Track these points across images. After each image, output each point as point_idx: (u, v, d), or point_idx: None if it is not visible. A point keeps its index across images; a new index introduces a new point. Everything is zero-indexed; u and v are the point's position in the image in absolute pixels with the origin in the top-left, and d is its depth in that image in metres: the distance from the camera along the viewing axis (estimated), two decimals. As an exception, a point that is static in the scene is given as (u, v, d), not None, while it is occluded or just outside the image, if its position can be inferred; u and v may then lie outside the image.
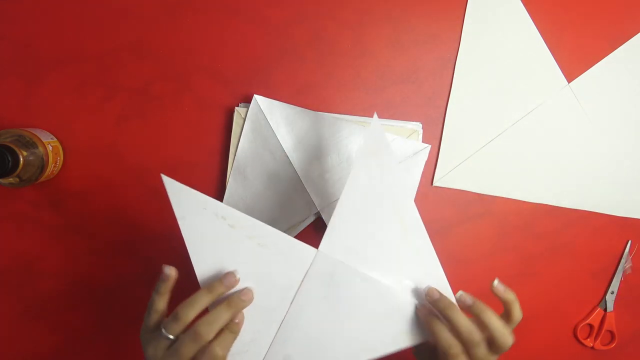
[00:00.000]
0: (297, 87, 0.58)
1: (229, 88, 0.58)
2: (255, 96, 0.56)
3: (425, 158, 0.59)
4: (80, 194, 0.58)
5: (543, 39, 0.59)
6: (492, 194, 0.60)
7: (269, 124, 0.56)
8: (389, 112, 0.59)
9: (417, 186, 0.59)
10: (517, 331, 0.61)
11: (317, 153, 0.57)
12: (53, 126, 0.57)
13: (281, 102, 0.57)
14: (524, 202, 0.61)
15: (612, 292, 0.63)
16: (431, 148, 0.59)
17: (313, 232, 0.59)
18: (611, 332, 0.63)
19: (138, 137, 0.58)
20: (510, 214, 0.61)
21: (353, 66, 0.59)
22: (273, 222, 0.56)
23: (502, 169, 0.60)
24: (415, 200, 0.59)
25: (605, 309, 0.63)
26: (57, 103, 0.57)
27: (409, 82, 0.59)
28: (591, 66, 0.60)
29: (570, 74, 0.60)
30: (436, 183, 0.60)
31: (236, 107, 0.56)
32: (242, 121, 0.56)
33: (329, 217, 0.46)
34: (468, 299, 0.41)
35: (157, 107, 0.58)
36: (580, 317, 0.63)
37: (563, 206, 0.61)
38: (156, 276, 0.54)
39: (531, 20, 0.59)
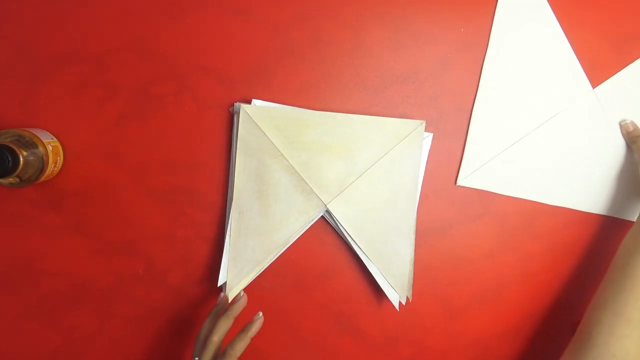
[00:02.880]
0: (297, 87, 0.58)
1: (229, 88, 0.58)
2: (242, 105, 0.56)
3: (429, 146, 0.59)
4: (80, 194, 0.58)
5: (569, 42, 0.59)
6: (507, 195, 0.60)
7: (262, 132, 0.56)
8: (389, 112, 0.59)
9: (422, 178, 0.59)
10: (517, 331, 0.62)
11: (316, 150, 0.57)
12: (53, 126, 0.57)
13: (269, 105, 0.57)
14: (524, 200, 0.61)
15: (612, 292, 0.62)
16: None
17: (321, 227, 0.59)
18: (611, 332, 0.63)
19: (138, 137, 0.58)
20: (510, 214, 0.61)
21: (353, 66, 0.59)
22: (283, 228, 0.57)
23: (520, 171, 0.60)
24: (415, 200, 0.59)
25: (605, 309, 0.63)
26: (57, 103, 0.57)
27: (409, 82, 0.59)
28: (617, 71, 0.60)
29: (596, 79, 0.60)
30: (460, 183, 0.60)
31: (241, 104, 0.56)
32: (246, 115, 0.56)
33: (338, 209, 0.56)
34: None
35: (157, 107, 0.58)
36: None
37: (563, 206, 0.61)
38: (156, 276, 0.54)
39: (558, 23, 0.59)
